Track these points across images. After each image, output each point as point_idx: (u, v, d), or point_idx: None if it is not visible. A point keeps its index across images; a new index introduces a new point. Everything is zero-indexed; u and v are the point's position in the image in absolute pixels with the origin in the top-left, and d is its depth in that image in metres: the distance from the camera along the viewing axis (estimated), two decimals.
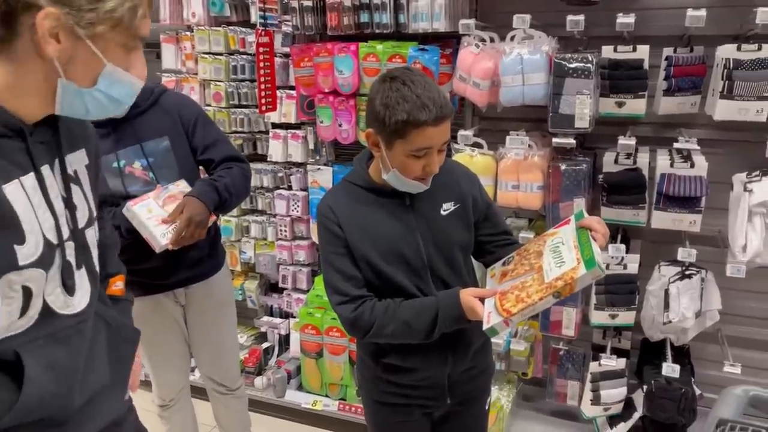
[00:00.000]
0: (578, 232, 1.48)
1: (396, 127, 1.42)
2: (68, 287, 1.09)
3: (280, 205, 3.13)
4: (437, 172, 1.52)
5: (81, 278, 1.13)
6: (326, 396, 3.10)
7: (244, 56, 3.09)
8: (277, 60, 2.94)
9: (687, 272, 2.35)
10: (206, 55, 3.10)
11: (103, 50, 0.98)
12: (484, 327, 1.41)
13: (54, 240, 1.05)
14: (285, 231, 3.17)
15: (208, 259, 2.23)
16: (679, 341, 2.54)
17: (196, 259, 2.16)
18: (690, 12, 2.11)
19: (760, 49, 2.16)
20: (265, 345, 3.38)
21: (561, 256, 1.46)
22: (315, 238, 3.09)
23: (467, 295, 1.50)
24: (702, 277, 2.38)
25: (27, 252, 1.00)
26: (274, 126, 3.11)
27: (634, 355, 2.77)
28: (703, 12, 2.10)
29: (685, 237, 2.46)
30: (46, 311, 1.06)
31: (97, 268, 1.21)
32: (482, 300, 1.48)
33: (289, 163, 3.12)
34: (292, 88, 2.97)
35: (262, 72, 2.65)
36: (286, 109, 3.00)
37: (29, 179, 1.02)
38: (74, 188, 1.12)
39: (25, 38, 0.94)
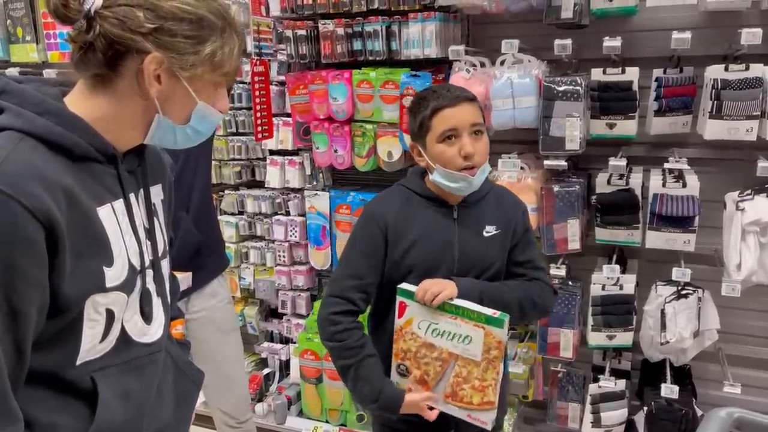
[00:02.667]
0: (425, 308, 1.54)
1: (422, 122, 1.57)
2: (146, 315, 1.12)
3: (279, 230, 3.15)
4: (485, 171, 1.60)
5: (158, 307, 1.17)
6: (326, 422, 3.09)
7: (242, 85, 3.14)
8: (274, 88, 2.99)
9: (683, 292, 2.34)
10: None
11: (197, 90, 1.04)
12: (489, 427, 1.57)
13: (137, 265, 1.09)
14: (284, 256, 3.18)
15: (204, 267, 2.22)
16: (678, 361, 2.52)
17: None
18: (675, 34, 2.14)
19: (747, 69, 2.18)
20: (266, 371, 3.38)
21: (454, 333, 1.53)
22: (313, 263, 3.11)
23: (411, 400, 1.59)
24: (699, 297, 2.38)
25: (113, 274, 1.02)
26: (272, 153, 3.15)
27: (635, 376, 2.76)
28: (688, 34, 2.13)
29: (680, 256, 2.46)
30: (124, 337, 1.08)
31: (169, 301, 1.23)
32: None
33: (287, 189, 3.15)
34: (288, 115, 3.01)
35: (257, 100, 2.69)
36: (283, 136, 3.04)
37: (119, 204, 1.06)
38: (154, 220, 1.17)
39: (128, 78, 0.99)
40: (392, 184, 1.77)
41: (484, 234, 1.65)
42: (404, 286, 1.58)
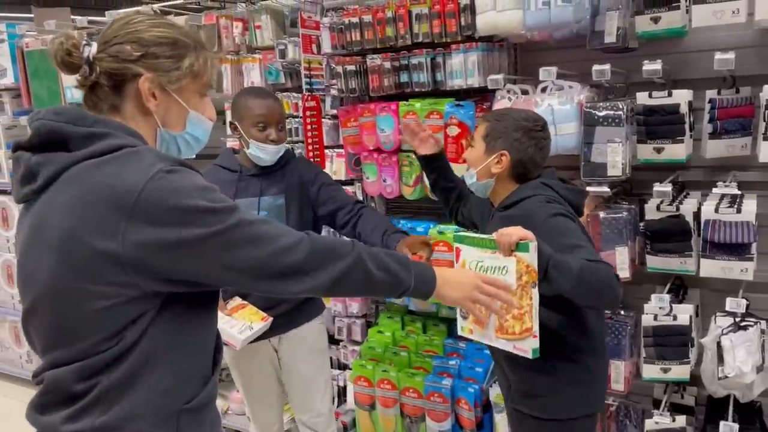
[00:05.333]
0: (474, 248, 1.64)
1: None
2: None
3: None
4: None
5: None
6: None
7: (298, 119, 3.28)
8: (327, 121, 3.11)
9: (742, 323, 2.20)
10: None
11: (186, 100, 1.25)
12: (531, 356, 1.58)
13: None
14: None
15: (299, 309, 2.38)
16: (745, 398, 2.36)
17: (286, 311, 2.32)
18: (718, 55, 2.06)
19: None
20: None
21: (494, 266, 1.60)
22: None
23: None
24: (762, 329, 2.23)
25: None
26: None
27: (702, 412, 2.60)
28: (731, 54, 2.05)
29: (741, 286, 2.32)
30: None
31: None
32: None
33: None
34: (341, 146, 3.12)
35: (309, 134, 2.82)
36: (337, 167, 3.14)
37: None
38: None
39: (132, 100, 1.20)
40: (442, 212, 2.03)
41: None
42: (460, 233, 1.73)
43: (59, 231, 1.08)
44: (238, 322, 2.20)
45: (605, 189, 2.26)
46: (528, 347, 1.59)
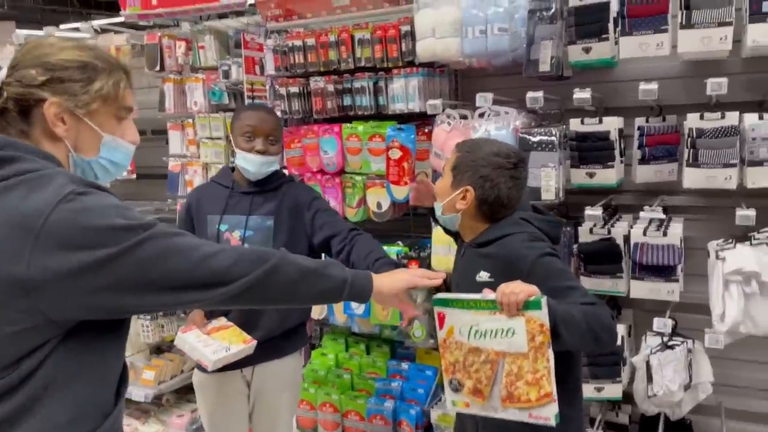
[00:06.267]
0: (463, 311, 1.50)
1: None
2: None
3: None
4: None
5: None
6: None
7: None
8: None
9: (669, 343, 2.29)
10: (207, 140, 3.30)
11: (100, 124, 1.21)
12: (554, 422, 1.43)
13: None
14: None
15: (278, 341, 2.27)
16: (675, 415, 2.44)
17: (264, 339, 2.18)
18: (642, 85, 2.16)
19: (723, 117, 2.18)
20: None
21: (495, 329, 1.45)
22: (311, 312, 3.14)
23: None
24: (688, 348, 2.31)
25: None
26: None
27: (636, 430, 2.67)
28: (654, 85, 2.15)
29: (669, 306, 2.41)
30: None
31: None
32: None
33: None
34: (284, 168, 3.11)
35: None
36: None
37: None
38: None
39: (39, 126, 1.16)
40: (386, 234, 1.89)
41: (477, 279, 1.67)
42: (441, 295, 1.57)
43: None
44: (214, 342, 2.08)
45: None
46: (549, 414, 1.43)
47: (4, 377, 1.06)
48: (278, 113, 2.99)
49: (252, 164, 2.18)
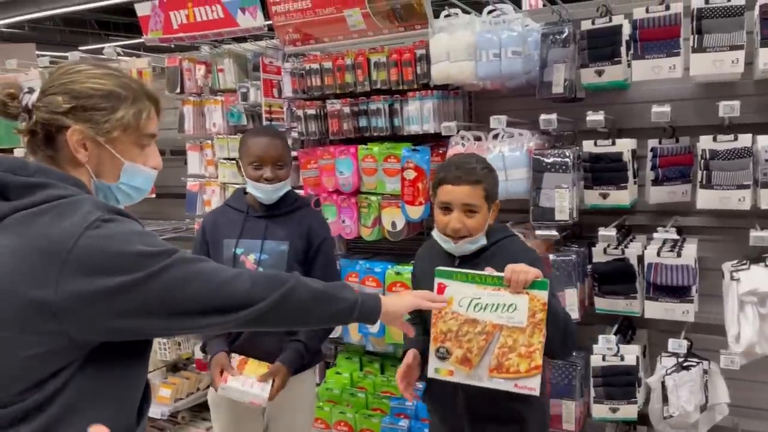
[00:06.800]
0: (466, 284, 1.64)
1: (432, 186, 1.84)
2: None
3: None
4: (478, 240, 1.81)
5: None
6: None
7: None
8: None
9: (684, 364, 2.28)
10: (225, 161, 3.36)
11: (121, 151, 1.24)
12: (538, 392, 1.59)
13: None
14: None
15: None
16: None
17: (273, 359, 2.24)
18: (655, 108, 2.19)
19: (736, 139, 2.20)
20: None
21: (497, 303, 1.60)
22: None
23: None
24: (704, 369, 2.31)
25: None
26: None
27: None
28: (667, 108, 2.17)
29: (685, 327, 2.41)
30: None
31: None
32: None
33: None
34: (301, 188, 3.16)
35: None
36: None
37: None
38: None
39: (63, 151, 1.20)
40: (401, 253, 2.00)
41: None
42: (443, 268, 1.69)
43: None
44: (249, 379, 2.17)
45: (554, 233, 2.35)
46: (534, 384, 1.59)
47: (27, 399, 1.08)
48: (295, 134, 3.06)
49: (263, 192, 2.24)
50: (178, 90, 3.46)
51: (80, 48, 3.81)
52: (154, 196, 3.69)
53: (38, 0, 7.79)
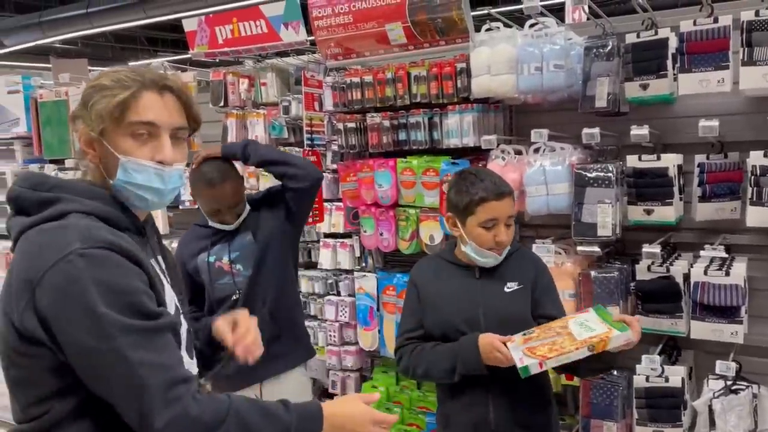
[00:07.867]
0: (600, 314, 1.78)
1: (467, 205, 1.85)
2: (189, 350, 1.31)
3: (330, 310, 3.26)
4: (508, 248, 1.89)
5: (191, 346, 1.34)
6: None
7: None
8: (327, 176, 3.18)
9: (733, 387, 2.20)
10: (266, 173, 3.40)
11: (115, 145, 1.17)
12: (518, 366, 1.66)
13: (180, 306, 1.30)
14: (334, 336, 3.27)
15: (280, 355, 2.33)
16: None
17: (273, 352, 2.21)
18: (702, 122, 2.13)
19: None
20: None
21: (589, 326, 1.73)
22: (362, 344, 3.17)
23: (487, 337, 1.76)
24: (753, 393, 2.22)
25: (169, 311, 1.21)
26: (326, 236, 3.31)
27: None
28: (715, 122, 2.12)
29: (733, 348, 2.32)
30: None
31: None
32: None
33: (338, 270, 3.28)
34: (340, 200, 3.18)
35: None
36: (335, 220, 3.20)
37: (154, 262, 1.26)
38: (167, 279, 1.34)
39: (89, 159, 1.23)
40: None
41: (506, 289, 1.91)
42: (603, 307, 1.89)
43: (3, 295, 1.13)
44: None
45: (595, 249, 2.30)
46: (530, 363, 1.68)
47: (37, 417, 1.12)
48: (335, 147, 3.09)
49: (226, 227, 2.33)
50: (222, 103, 3.54)
51: (129, 63, 3.92)
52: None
53: (91, 17, 8.09)
